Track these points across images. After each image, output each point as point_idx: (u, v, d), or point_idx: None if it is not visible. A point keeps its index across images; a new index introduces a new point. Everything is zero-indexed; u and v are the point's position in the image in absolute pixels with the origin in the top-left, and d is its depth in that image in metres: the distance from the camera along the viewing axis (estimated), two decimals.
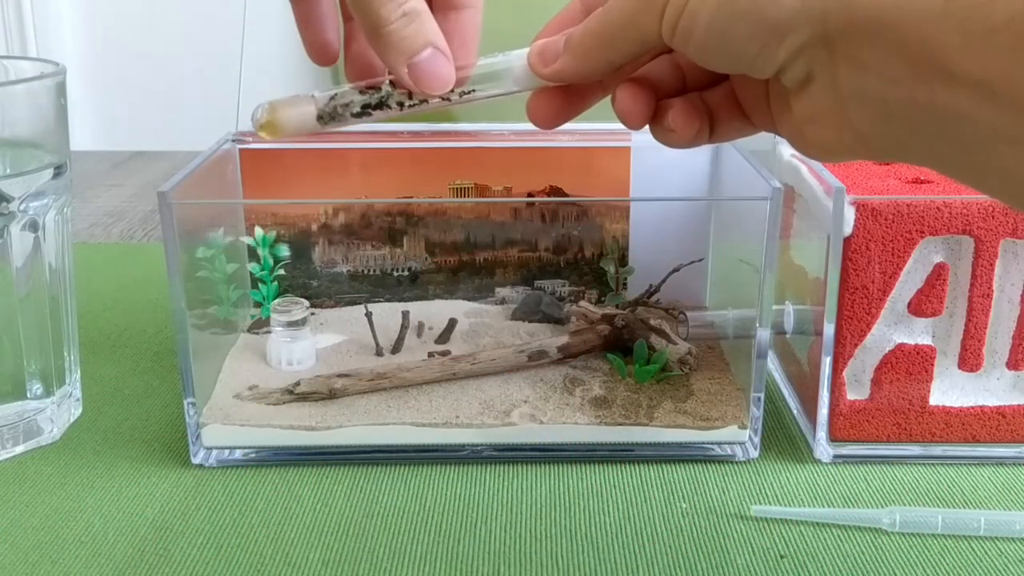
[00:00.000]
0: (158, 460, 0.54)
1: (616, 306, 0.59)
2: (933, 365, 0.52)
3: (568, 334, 0.57)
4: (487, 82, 0.39)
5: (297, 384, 0.54)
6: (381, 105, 0.40)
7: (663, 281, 0.59)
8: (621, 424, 0.53)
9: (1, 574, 0.45)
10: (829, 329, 0.51)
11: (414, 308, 0.60)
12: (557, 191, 0.62)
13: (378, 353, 0.58)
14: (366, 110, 0.40)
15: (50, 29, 1.93)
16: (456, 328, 0.59)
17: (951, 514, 0.47)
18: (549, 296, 0.60)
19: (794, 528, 0.47)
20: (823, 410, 0.52)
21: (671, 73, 0.38)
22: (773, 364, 0.62)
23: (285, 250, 0.61)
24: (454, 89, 0.39)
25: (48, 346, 0.55)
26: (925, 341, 0.52)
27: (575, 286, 0.60)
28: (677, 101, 0.37)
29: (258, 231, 0.60)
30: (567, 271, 0.60)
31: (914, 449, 0.53)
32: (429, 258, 0.60)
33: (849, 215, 0.49)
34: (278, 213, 0.61)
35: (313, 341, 0.58)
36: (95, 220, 0.95)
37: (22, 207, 0.51)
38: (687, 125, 0.37)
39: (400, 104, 0.40)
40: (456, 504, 0.50)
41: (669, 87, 0.38)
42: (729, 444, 0.53)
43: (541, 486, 0.51)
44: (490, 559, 0.45)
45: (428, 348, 0.58)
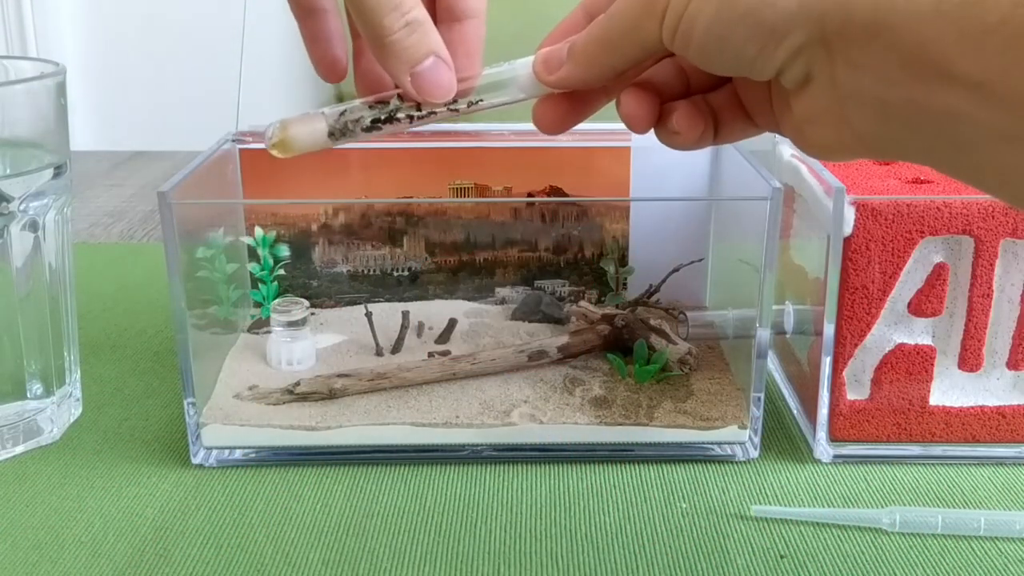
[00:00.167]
0: (158, 460, 0.54)
1: (616, 306, 0.59)
2: (933, 365, 0.52)
3: (568, 334, 0.57)
4: (493, 91, 0.40)
5: (297, 384, 0.54)
6: (390, 119, 0.40)
7: (663, 281, 0.59)
8: (621, 424, 0.53)
9: (1, 574, 0.45)
10: (829, 329, 0.51)
11: (414, 308, 0.60)
12: (557, 191, 0.62)
13: (378, 353, 0.58)
14: (376, 124, 0.40)
15: (50, 29, 1.93)
16: (456, 328, 0.59)
17: (951, 514, 0.47)
18: (549, 296, 0.60)
19: (794, 528, 0.47)
20: (823, 410, 0.52)
21: (675, 76, 0.38)
22: (773, 364, 0.62)
23: (285, 250, 0.61)
24: (461, 99, 0.40)
25: (48, 346, 0.55)
26: (925, 341, 0.52)
27: (575, 286, 0.60)
28: (681, 103, 0.37)
29: (258, 231, 0.60)
30: (567, 271, 0.60)
31: (914, 449, 0.53)
32: (429, 258, 0.60)
33: (849, 215, 0.49)
34: (278, 213, 0.61)
35: (313, 341, 0.58)
36: (95, 220, 0.95)
37: (22, 207, 0.51)
38: (691, 127, 0.37)
39: (410, 117, 0.40)
40: (456, 504, 0.50)
41: (673, 90, 0.38)
42: (729, 444, 0.53)
43: (541, 486, 0.51)
44: (490, 559, 0.45)
45: (428, 348, 0.58)
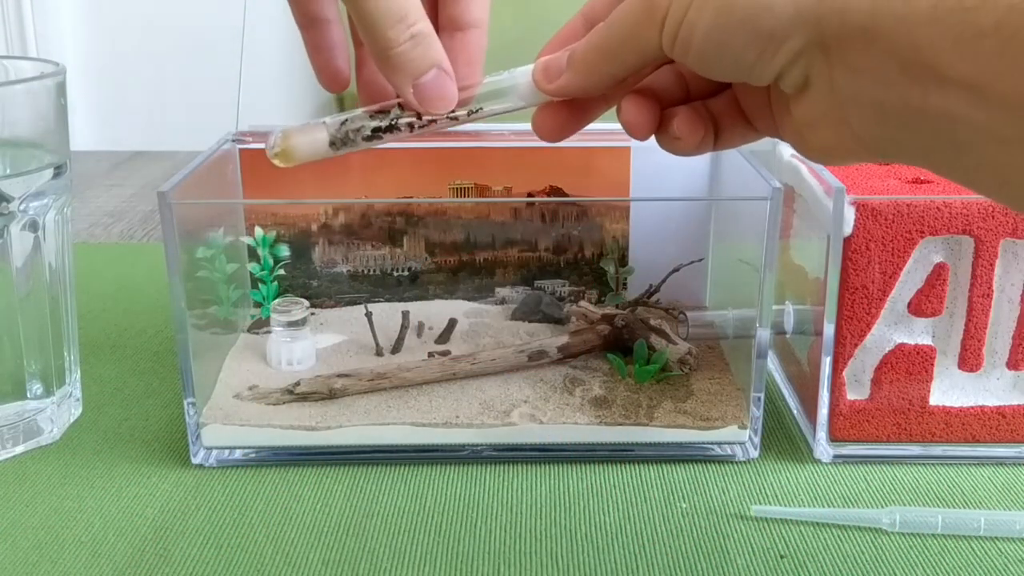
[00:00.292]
0: (158, 460, 0.54)
1: (616, 306, 0.59)
2: (933, 365, 0.52)
3: (568, 334, 0.57)
4: (493, 99, 0.40)
5: (297, 384, 0.54)
6: (391, 128, 0.40)
7: (663, 281, 0.59)
8: (621, 424, 0.53)
9: (1, 574, 0.45)
10: (829, 329, 0.51)
11: (414, 308, 0.60)
12: (557, 191, 0.62)
13: (378, 353, 0.58)
14: (377, 133, 0.40)
15: (50, 29, 1.93)
16: (456, 328, 0.59)
17: (951, 514, 0.47)
18: (549, 296, 0.60)
19: (794, 528, 0.47)
20: (823, 410, 0.52)
21: (674, 82, 0.38)
22: (773, 364, 0.62)
23: (285, 250, 0.61)
24: (460, 108, 0.40)
25: (48, 346, 0.55)
26: (925, 341, 0.52)
27: (575, 286, 0.60)
28: (681, 109, 0.37)
29: (258, 231, 0.60)
30: (567, 271, 0.60)
31: (914, 449, 0.53)
32: (429, 258, 0.60)
33: (849, 215, 0.49)
34: (278, 213, 0.61)
35: (313, 341, 0.58)
36: (95, 220, 0.95)
37: (22, 207, 0.51)
38: (692, 133, 0.37)
39: (410, 126, 0.40)
40: (456, 504, 0.50)
41: (673, 96, 0.38)
42: (729, 444, 0.53)
43: (541, 486, 0.51)
44: (490, 559, 0.45)
45: (428, 348, 0.58)
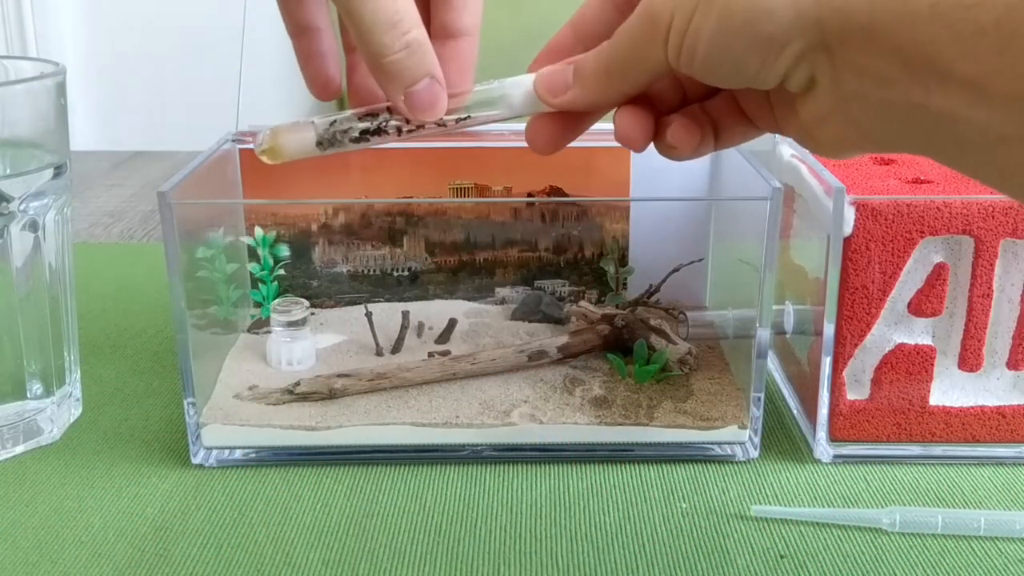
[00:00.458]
0: (158, 460, 0.54)
1: (616, 306, 0.59)
2: (933, 365, 0.52)
3: (568, 334, 0.57)
4: (482, 108, 0.40)
5: (297, 384, 0.54)
6: (379, 131, 0.41)
7: (663, 281, 0.59)
8: (621, 424, 0.53)
9: (1, 574, 0.45)
10: (829, 329, 0.51)
11: (414, 308, 0.60)
12: (557, 191, 0.62)
13: (378, 353, 0.58)
14: (364, 136, 0.41)
15: (50, 29, 1.94)
16: (456, 328, 0.59)
17: (951, 514, 0.47)
18: (549, 296, 0.60)
19: (794, 528, 0.47)
20: (823, 410, 0.52)
21: (670, 88, 0.38)
22: (773, 364, 0.62)
23: (285, 250, 0.61)
24: (449, 115, 0.40)
25: (48, 346, 0.55)
26: (925, 341, 0.52)
27: (575, 286, 0.60)
28: (676, 117, 0.37)
29: (258, 231, 0.60)
30: (567, 271, 0.60)
31: (914, 449, 0.53)
32: (429, 258, 0.60)
33: (849, 215, 0.49)
34: (278, 213, 0.61)
35: (313, 341, 0.58)
36: (95, 220, 0.95)
37: (22, 207, 0.51)
38: (687, 140, 0.37)
39: (398, 130, 0.41)
40: (456, 504, 0.50)
41: (670, 102, 0.38)
42: (729, 444, 0.53)
43: (541, 486, 0.51)
44: (490, 559, 0.45)
45: (428, 348, 0.58)
